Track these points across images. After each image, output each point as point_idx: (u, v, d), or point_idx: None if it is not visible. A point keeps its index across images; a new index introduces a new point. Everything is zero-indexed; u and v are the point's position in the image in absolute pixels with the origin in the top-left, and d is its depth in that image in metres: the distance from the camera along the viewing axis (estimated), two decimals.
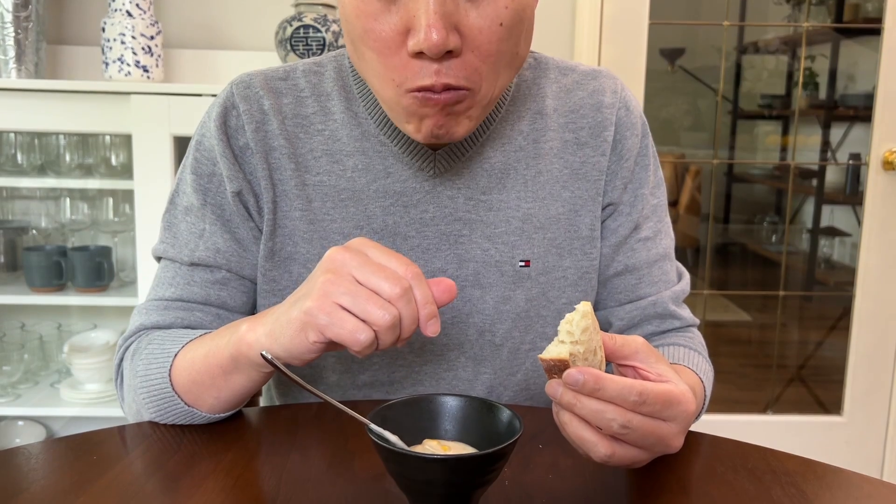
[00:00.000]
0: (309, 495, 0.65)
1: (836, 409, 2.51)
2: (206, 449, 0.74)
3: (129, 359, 0.84)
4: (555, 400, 0.61)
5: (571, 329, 0.60)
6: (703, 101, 3.35)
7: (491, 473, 0.59)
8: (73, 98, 1.85)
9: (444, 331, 0.89)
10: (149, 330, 0.86)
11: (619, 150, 0.92)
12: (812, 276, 3.20)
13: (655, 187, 0.96)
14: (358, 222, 0.87)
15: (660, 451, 0.64)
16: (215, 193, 0.86)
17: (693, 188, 3.26)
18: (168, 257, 0.88)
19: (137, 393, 0.81)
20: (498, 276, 0.88)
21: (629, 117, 0.92)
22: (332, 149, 0.87)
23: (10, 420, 2.17)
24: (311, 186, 0.87)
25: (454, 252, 0.88)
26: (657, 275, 0.94)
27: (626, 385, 0.58)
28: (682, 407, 0.62)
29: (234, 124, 0.86)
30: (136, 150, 1.85)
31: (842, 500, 0.66)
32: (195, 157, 0.88)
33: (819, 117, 3.04)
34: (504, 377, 0.91)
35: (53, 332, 2.18)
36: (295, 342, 0.67)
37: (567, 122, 0.91)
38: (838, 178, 3.14)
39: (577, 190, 0.91)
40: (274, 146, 0.86)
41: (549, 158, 0.90)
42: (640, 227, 0.94)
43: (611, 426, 0.59)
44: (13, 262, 2.17)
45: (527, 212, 0.89)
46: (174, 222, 0.89)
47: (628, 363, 0.65)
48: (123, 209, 2.15)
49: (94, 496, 0.64)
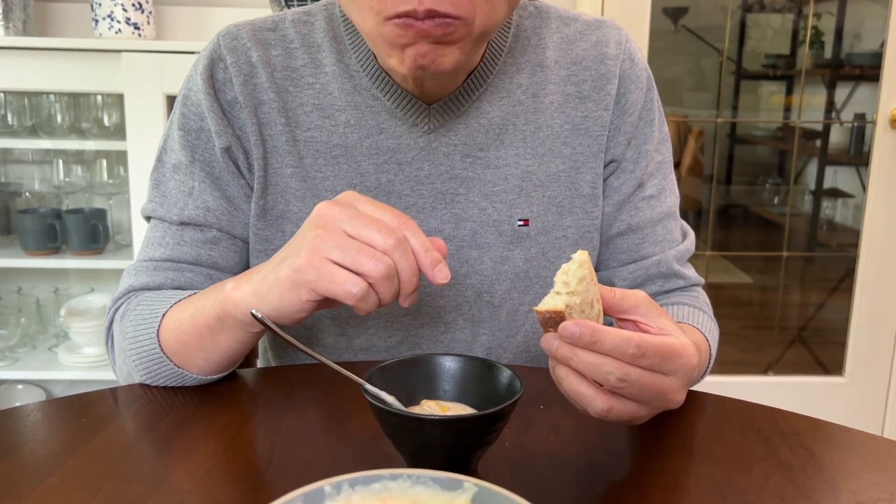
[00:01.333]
0: (304, 457, 0.63)
1: (838, 370, 2.51)
2: (198, 411, 0.72)
3: (119, 321, 0.82)
4: (550, 354, 0.58)
5: (567, 279, 0.57)
6: (707, 60, 3.30)
7: (491, 434, 0.58)
8: (63, 56, 1.81)
9: (440, 292, 0.87)
10: (138, 291, 0.84)
11: (622, 105, 0.88)
12: (814, 237, 3.18)
13: (660, 143, 0.92)
14: (350, 180, 0.84)
15: (660, 407, 0.62)
16: (203, 150, 0.84)
17: (696, 149, 3.22)
18: (157, 216, 0.86)
19: (127, 355, 0.79)
20: (496, 236, 0.86)
21: (634, 70, 0.89)
22: (324, 103, 0.84)
23: (9, 384, 2.16)
24: (303, 142, 0.84)
25: (450, 211, 0.86)
26: (661, 234, 0.92)
27: (625, 337, 0.56)
28: (683, 360, 0.59)
29: (222, 77, 0.83)
30: (128, 109, 1.81)
31: (851, 460, 0.65)
32: (182, 112, 0.84)
33: (824, 77, 2.99)
34: (503, 339, 0.89)
35: (50, 296, 2.16)
36: (285, 301, 0.64)
37: (569, 75, 0.88)
38: (842, 138, 3.10)
39: (579, 146, 0.88)
40: (263, 100, 0.83)
41: (549, 113, 0.87)
42: (644, 185, 0.91)
43: (608, 379, 0.57)
44: (7, 225, 2.15)
45: (526, 169, 0.86)
46: (162, 181, 0.86)
47: (628, 317, 0.62)
48: (118, 171, 2.12)
49: (83, 459, 0.62)
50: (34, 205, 2.13)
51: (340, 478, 0.41)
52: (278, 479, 0.60)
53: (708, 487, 0.60)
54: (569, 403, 0.61)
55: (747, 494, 0.59)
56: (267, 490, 0.58)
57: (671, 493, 0.59)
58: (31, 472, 0.60)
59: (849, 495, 0.59)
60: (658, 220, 0.92)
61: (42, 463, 0.62)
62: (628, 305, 0.62)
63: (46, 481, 0.59)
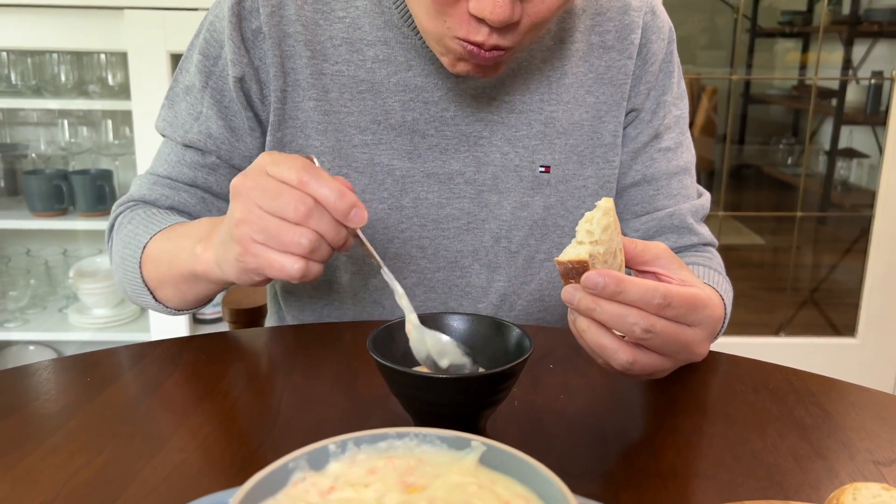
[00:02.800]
0: (311, 416, 0.62)
1: (850, 332, 2.50)
2: (204, 370, 0.71)
3: (117, 231, 0.86)
4: (571, 306, 0.56)
5: (591, 228, 0.55)
6: (721, 18, 3.23)
7: (499, 393, 0.57)
8: (64, 14, 1.78)
9: (458, 236, 0.86)
10: (136, 202, 0.87)
11: (644, 54, 0.89)
12: (828, 198, 3.14)
13: (678, 98, 0.92)
14: (375, 116, 0.83)
15: (684, 359, 0.60)
16: (218, 77, 0.84)
17: (709, 108, 3.17)
18: (167, 135, 0.88)
19: (118, 270, 0.84)
20: (517, 181, 0.86)
21: (655, 21, 0.89)
22: (353, 37, 0.83)
23: (21, 345, 2.18)
24: (329, 76, 0.83)
25: (473, 154, 0.85)
26: (676, 187, 0.91)
27: (650, 287, 0.54)
28: (709, 311, 0.58)
29: (249, 6, 0.81)
30: (132, 68, 1.79)
31: (868, 419, 0.63)
32: (205, 37, 0.85)
33: (841, 33, 2.92)
34: (518, 286, 0.88)
35: (59, 258, 2.16)
36: (243, 279, 0.65)
37: (593, 25, 0.88)
38: (859, 97, 3.04)
39: (602, 95, 0.88)
40: (289, 32, 0.82)
41: (574, 61, 0.87)
42: (661, 137, 0.90)
43: (633, 330, 0.55)
44: (13, 186, 2.14)
45: (549, 115, 0.86)
46: (175, 100, 0.87)
47: (649, 269, 0.60)
48: (123, 132, 2.10)
49: (87, 417, 0.62)
50: (40, 166, 2.12)
51: (345, 436, 0.40)
52: (284, 438, 0.59)
53: (721, 447, 0.59)
54: (579, 363, 0.60)
55: (762, 454, 0.58)
56: (272, 449, 0.58)
57: (684, 452, 0.58)
58: (35, 431, 0.60)
59: (865, 455, 0.58)
60: (673, 174, 0.91)
61: (46, 421, 0.61)
62: (649, 257, 0.60)
63: (50, 440, 0.58)
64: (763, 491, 0.53)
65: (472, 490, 0.38)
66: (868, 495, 0.44)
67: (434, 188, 0.85)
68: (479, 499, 0.37)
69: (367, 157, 0.84)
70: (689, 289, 0.57)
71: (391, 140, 0.84)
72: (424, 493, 0.38)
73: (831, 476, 0.55)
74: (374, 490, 0.38)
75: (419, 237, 0.86)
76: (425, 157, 0.84)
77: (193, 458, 0.56)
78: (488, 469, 0.40)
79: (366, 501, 0.37)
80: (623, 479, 0.54)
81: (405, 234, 0.85)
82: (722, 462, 0.57)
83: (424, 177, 0.85)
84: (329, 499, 0.37)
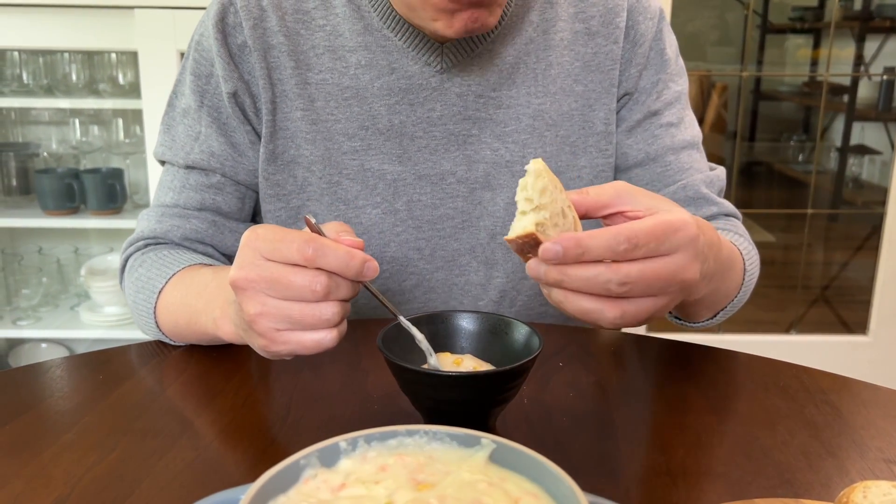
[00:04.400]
0: (320, 414, 0.63)
1: (861, 330, 2.48)
2: (215, 367, 0.72)
3: (128, 274, 0.84)
4: (540, 281, 0.53)
5: (529, 195, 0.52)
6: (732, 14, 3.21)
7: (509, 391, 0.57)
8: (75, 13, 1.79)
9: (454, 235, 0.86)
10: (146, 240, 0.85)
11: (632, 37, 0.87)
12: (839, 195, 3.12)
13: (676, 75, 0.89)
14: (362, 122, 0.83)
15: (677, 292, 0.54)
16: (212, 95, 0.84)
17: (719, 105, 3.16)
18: (167, 160, 0.87)
19: (133, 313, 0.82)
20: (509, 177, 0.85)
21: (640, 2, 0.87)
22: (335, 45, 0.83)
23: (33, 343, 2.19)
24: (314, 85, 0.83)
25: (463, 153, 0.85)
26: (686, 161, 0.88)
27: (611, 234, 0.50)
28: (682, 233, 0.52)
29: (232, 21, 0.82)
30: (142, 67, 1.80)
31: (879, 418, 0.63)
32: (194, 57, 0.85)
33: (853, 29, 2.90)
34: (517, 281, 0.88)
35: (70, 256, 2.17)
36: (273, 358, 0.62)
37: (577, 12, 0.86)
38: (871, 93, 3.02)
39: (591, 83, 0.86)
40: (273, 44, 0.82)
41: (559, 51, 0.86)
42: (661, 113, 0.88)
43: (609, 288, 0.51)
44: (25, 185, 2.15)
45: (538, 108, 0.85)
46: (172, 124, 0.87)
47: (613, 210, 0.56)
48: (134, 130, 2.11)
49: (100, 414, 0.62)
50: (52, 165, 2.13)
51: (356, 434, 0.41)
52: (294, 436, 0.60)
53: (732, 445, 0.59)
54: (588, 360, 0.60)
55: (772, 452, 0.57)
56: (283, 446, 0.58)
57: (694, 450, 0.58)
58: (49, 427, 0.60)
59: (876, 453, 0.58)
60: (681, 149, 0.88)
61: (60, 418, 0.62)
62: (608, 198, 0.56)
63: (64, 436, 0.59)
64: (773, 489, 0.53)
65: (482, 487, 0.38)
66: (878, 493, 0.44)
67: (427, 189, 0.85)
68: (489, 496, 0.37)
69: (357, 163, 0.84)
70: (653, 218, 0.52)
71: (380, 145, 0.84)
72: (434, 490, 0.38)
73: (842, 474, 0.55)
74: (384, 487, 0.38)
75: (415, 239, 0.86)
76: (416, 159, 0.84)
77: (205, 456, 0.56)
78: (498, 466, 0.40)
79: (376, 498, 0.37)
80: (633, 476, 0.54)
81: (401, 237, 0.85)
82: (732, 460, 0.56)
83: (416, 179, 0.84)
84: (340, 496, 0.38)
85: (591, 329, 0.82)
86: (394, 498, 0.37)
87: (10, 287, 2.13)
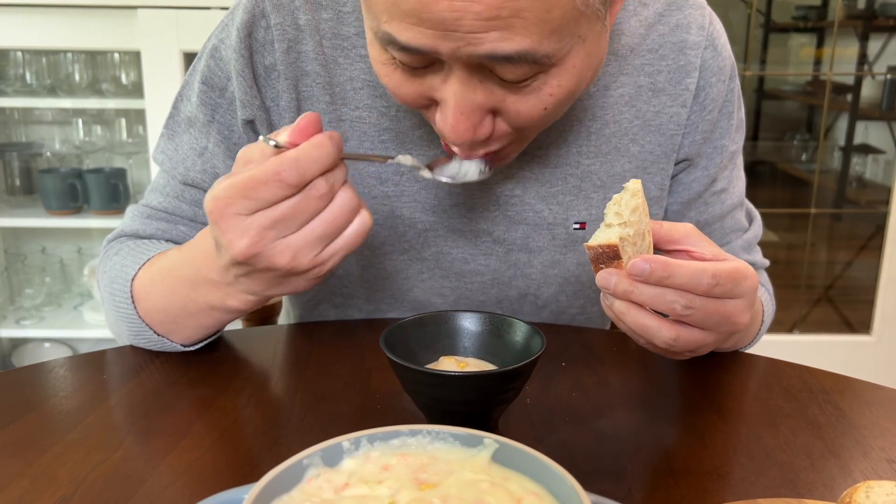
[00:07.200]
0: (324, 413, 0.63)
1: (865, 329, 2.48)
2: (218, 367, 0.72)
3: (102, 264, 0.79)
4: (608, 290, 0.56)
5: (620, 210, 0.55)
6: (735, 13, 3.20)
7: (511, 391, 0.57)
8: (78, 13, 1.79)
9: (482, 290, 0.83)
10: (128, 237, 0.80)
11: (701, 100, 0.79)
12: (843, 194, 3.11)
13: (737, 131, 0.84)
14: (398, 168, 0.76)
15: (725, 332, 0.59)
16: (225, 112, 0.77)
17: None
18: (166, 170, 0.81)
19: (109, 312, 0.77)
20: (549, 240, 0.80)
21: (716, 60, 0.79)
22: (376, 80, 0.75)
23: (37, 342, 2.20)
24: (348, 122, 0.76)
25: (504, 214, 0.79)
26: (729, 225, 0.86)
27: (698, 268, 0.54)
28: (749, 282, 0.58)
29: (262, 38, 0.73)
30: (145, 67, 1.80)
31: (882, 418, 0.63)
32: (208, 64, 0.76)
33: (856, 28, 2.90)
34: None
35: (73, 256, 2.18)
36: (298, 289, 0.62)
37: (643, 64, 0.78)
38: (874, 92, 3.01)
39: (648, 144, 0.80)
40: (307, 71, 0.74)
41: (618, 108, 0.78)
42: (717, 180, 0.84)
43: (674, 308, 0.55)
44: (29, 185, 2.16)
45: (587, 168, 0.79)
46: (177, 131, 0.80)
47: (679, 247, 0.60)
48: (137, 130, 2.11)
49: (103, 414, 0.63)
50: (55, 165, 2.14)
51: (359, 433, 0.41)
52: (298, 435, 0.60)
53: (734, 445, 0.59)
54: (591, 360, 0.60)
55: (775, 452, 0.57)
56: (286, 446, 0.58)
57: (697, 449, 0.58)
58: (53, 427, 0.60)
59: (879, 453, 0.58)
60: (727, 213, 0.86)
61: (63, 418, 0.62)
62: (678, 236, 0.59)
63: (68, 436, 0.59)
64: (776, 489, 0.53)
65: (484, 487, 0.38)
66: (881, 493, 0.44)
67: (459, 243, 0.80)
68: (492, 496, 0.37)
69: (387, 209, 0.78)
70: (730, 263, 0.57)
71: (414, 193, 0.78)
72: (437, 489, 0.38)
73: (844, 474, 0.55)
74: (387, 487, 0.38)
75: (440, 287, 0.82)
76: (450, 213, 0.79)
77: (209, 455, 0.57)
78: (501, 466, 0.40)
79: (379, 498, 0.37)
80: (635, 476, 0.54)
81: (426, 283, 0.82)
82: (735, 460, 0.56)
83: (448, 232, 0.80)
84: (343, 495, 0.38)
85: (594, 329, 0.82)
86: (397, 497, 0.37)
87: (13, 287, 2.14)
